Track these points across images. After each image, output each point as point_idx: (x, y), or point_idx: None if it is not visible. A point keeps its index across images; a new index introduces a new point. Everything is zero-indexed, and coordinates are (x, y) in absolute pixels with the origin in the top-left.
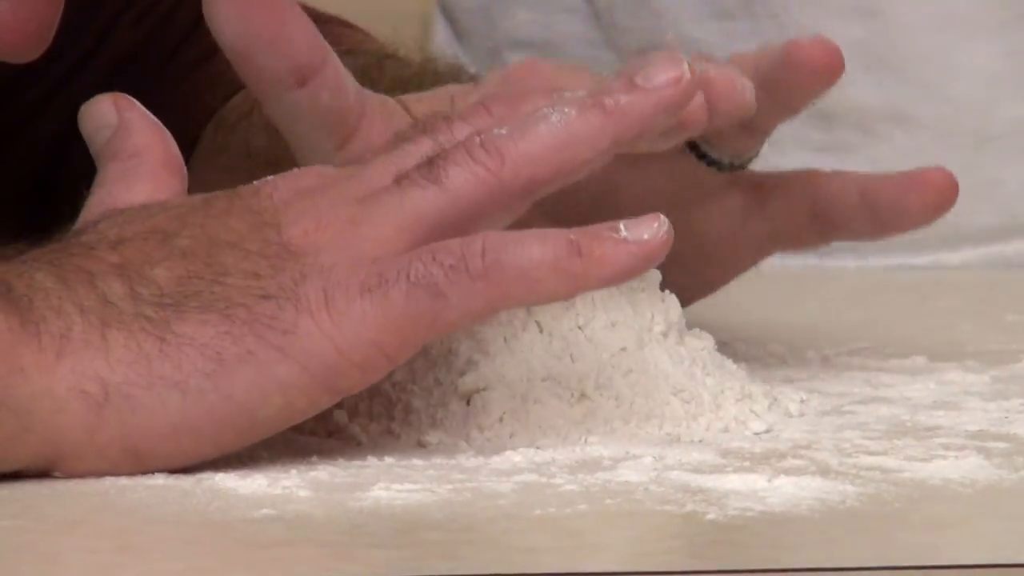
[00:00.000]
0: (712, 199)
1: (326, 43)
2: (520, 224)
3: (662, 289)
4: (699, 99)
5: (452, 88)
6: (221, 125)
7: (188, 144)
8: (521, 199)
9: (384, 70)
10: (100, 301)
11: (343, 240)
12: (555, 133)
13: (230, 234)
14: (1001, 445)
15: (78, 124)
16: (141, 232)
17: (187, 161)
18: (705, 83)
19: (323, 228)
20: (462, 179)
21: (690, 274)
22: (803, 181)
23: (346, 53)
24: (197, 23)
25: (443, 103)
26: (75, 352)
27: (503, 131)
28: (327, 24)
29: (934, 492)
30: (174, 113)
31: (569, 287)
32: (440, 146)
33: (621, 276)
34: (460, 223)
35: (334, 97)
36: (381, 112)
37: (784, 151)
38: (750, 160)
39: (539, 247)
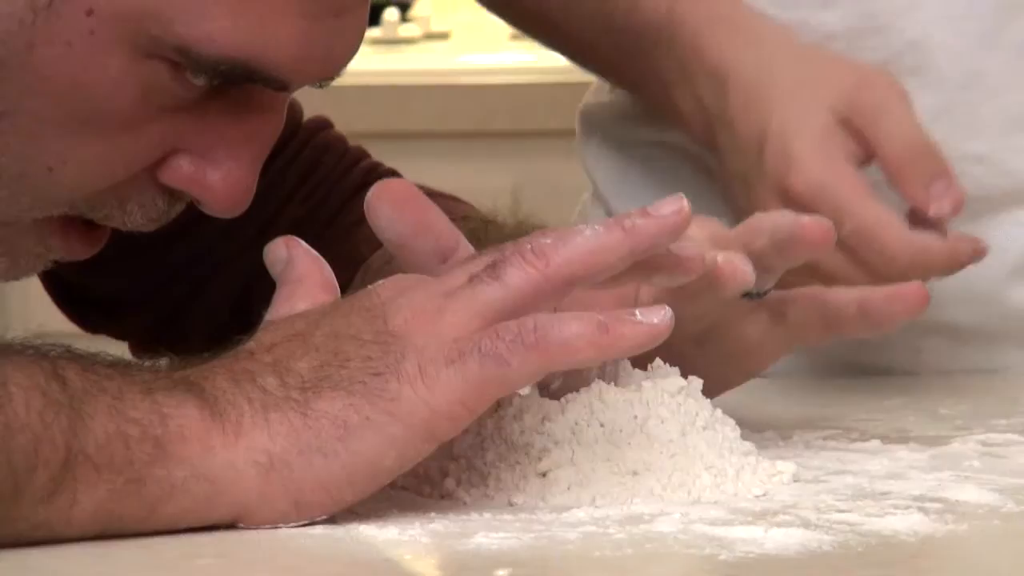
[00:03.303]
0: (746, 317)
1: (458, 230)
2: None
3: (705, 389)
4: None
5: None
6: (369, 269)
7: (344, 284)
8: (562, 291)
9: (488, 232)
10: (261, 392)
11: (432, 326)
12: (587, 242)
13: (351, 328)
14: (936, 506)
15: (264, 261)
16: (288, 336)
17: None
18: (714, 270)
19: (417, 316)
20: (517, 276)
21: (731, 369)
22: (812, 297)
23: (460, 219)
24: (351, 197)
25: None
26: (247, 433)
27: (548, 240)
28: (444, 199)
29: (887, 540)
30: (335, 262)
31: (599, 355)
32: (503, 256)
33: (637, 348)
34: (517, 308)
35: None
36: None
37: None
38: (768, 291)
39: (577, 325)
